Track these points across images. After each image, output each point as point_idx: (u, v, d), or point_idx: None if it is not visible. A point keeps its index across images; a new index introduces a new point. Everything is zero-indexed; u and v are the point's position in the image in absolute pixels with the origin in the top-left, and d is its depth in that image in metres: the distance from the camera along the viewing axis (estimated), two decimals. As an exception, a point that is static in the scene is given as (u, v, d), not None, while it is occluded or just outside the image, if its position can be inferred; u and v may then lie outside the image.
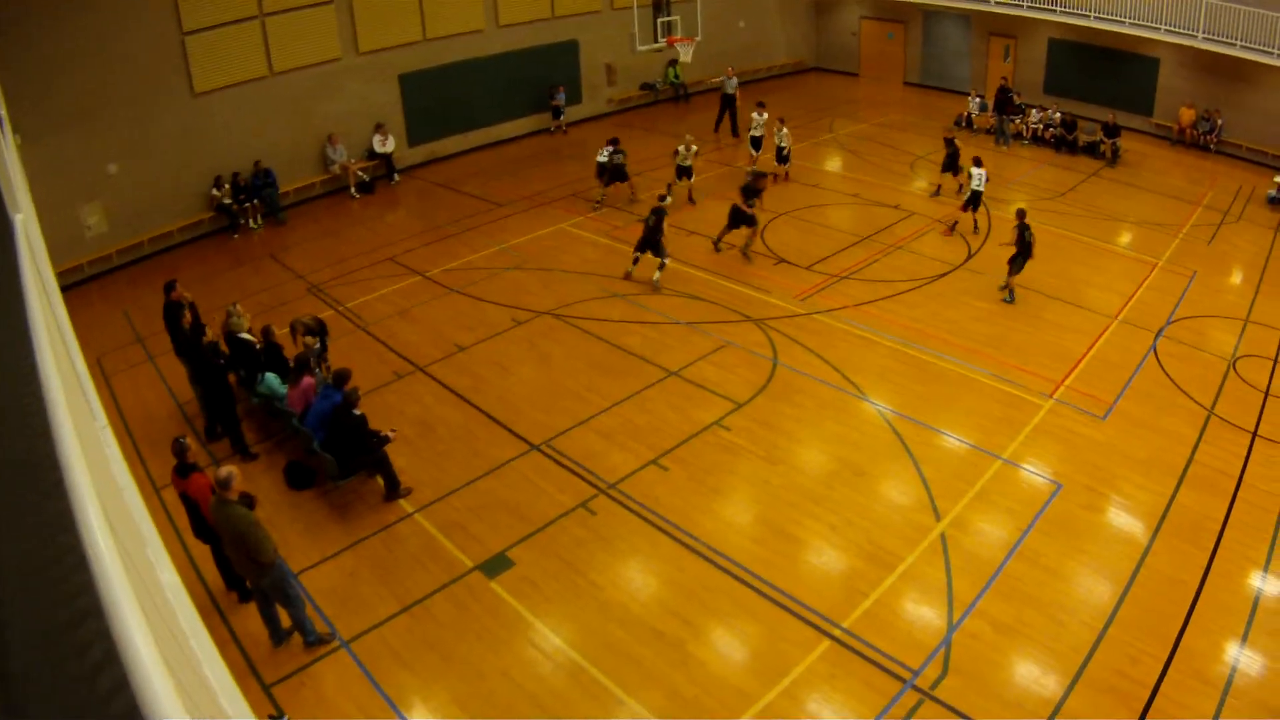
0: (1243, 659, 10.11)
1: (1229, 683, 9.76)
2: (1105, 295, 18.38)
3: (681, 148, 21.99)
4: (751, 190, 18.87)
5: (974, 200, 20.32)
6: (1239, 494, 12.75)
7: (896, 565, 11.09)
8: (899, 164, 26.48)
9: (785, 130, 23.62)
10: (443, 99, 26.36)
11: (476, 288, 18.37)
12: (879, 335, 16.39)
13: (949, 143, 23.25)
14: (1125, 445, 13.63)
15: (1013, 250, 17.57)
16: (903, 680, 9.51)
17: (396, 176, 25.26)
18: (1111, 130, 28.56)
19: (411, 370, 15.54)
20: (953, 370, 15.37)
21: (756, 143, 24.16)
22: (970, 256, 19.91)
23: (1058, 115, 29.93)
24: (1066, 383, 15.18)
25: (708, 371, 15.19)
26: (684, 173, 22.23)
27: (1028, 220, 17.60)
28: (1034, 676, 9.65)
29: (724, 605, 10.54)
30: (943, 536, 11.57)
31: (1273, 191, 25.45)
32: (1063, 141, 29.13)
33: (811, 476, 12.87)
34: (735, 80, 28.33)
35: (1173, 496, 12.58)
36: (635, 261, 17.94)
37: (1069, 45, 32.26)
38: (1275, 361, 16.11)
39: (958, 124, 31.19)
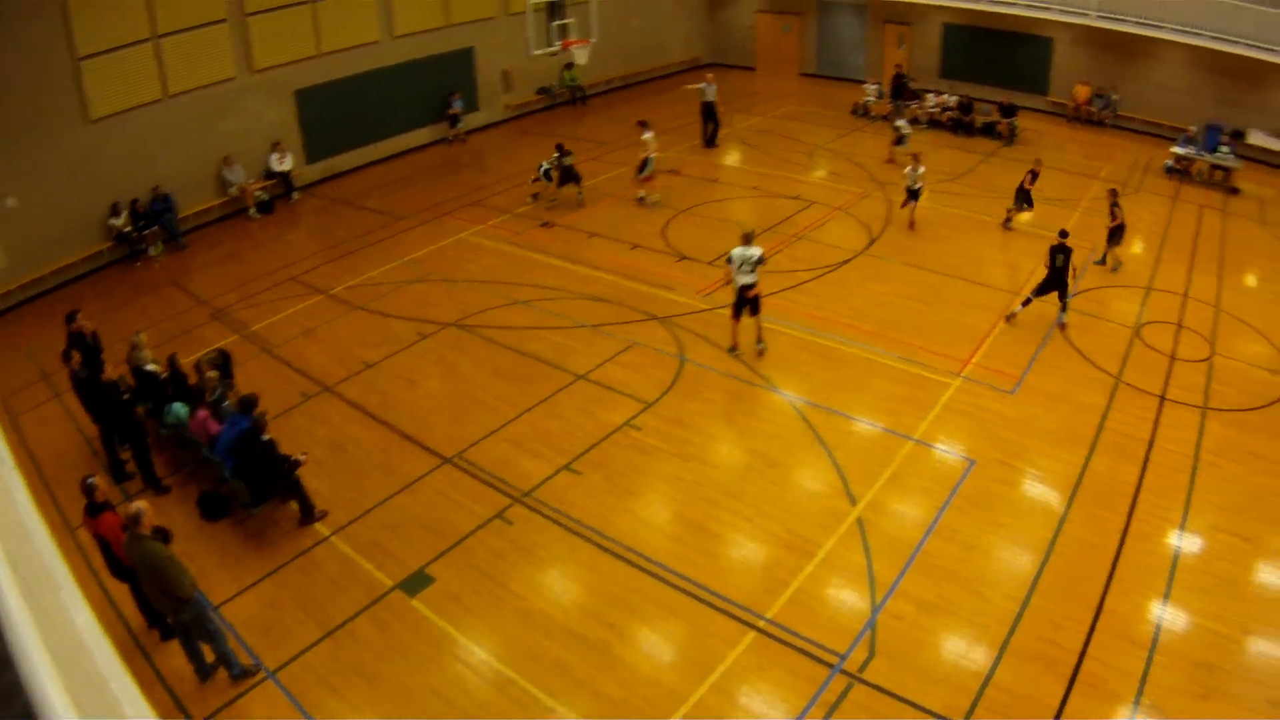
0: (1167, 616, 11.34)
1: (1155, 641, 10.95)
2: (1008, 272, 20.10)
3: (547, 163, 23.07)
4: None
5: (913, 195, 21.59)
6: (1150, 457, 14.19)
7: (816, 552, 12.00)
8: (798, 154, 27.97)
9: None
10: (340, 113, 26.95)
11: (381, 303, 18.92)
12: (784, 325, 17.45)
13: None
14: (1035, 418, 15.00)
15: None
16: (830, 666, 10.35)
17: (296, 194, 25.70)
18: (1008, 110, 30.76)
19: (319, 390, 15.96)
20: (859, 355, 16.53)
21: (644, 165, 24.59)
22: (872, 242, 21.24)
23: (953, 99, 31.94)
24: (973, 360, 16.56)
25: (615, 373, 15.99)
26: (570, 176, 23.12)
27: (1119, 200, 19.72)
28: (961, 651, 10.63)
29: (647, 606, 11.27)
30: (860, 521, 12.54)
31: (1169, 161, 27.77)
32: (959, 124, 31.22)
33: (725, 471, 13.78)
34: (714, 86, 29.05)
35: (1085, 464, 13.92)
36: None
37: (963, 29, 34.87)
38: (1179, 326, 17.69)
39: (855, 112, 32.94)
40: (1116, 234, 19.70)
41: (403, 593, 11.53)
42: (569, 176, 23.48)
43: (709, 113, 28.97)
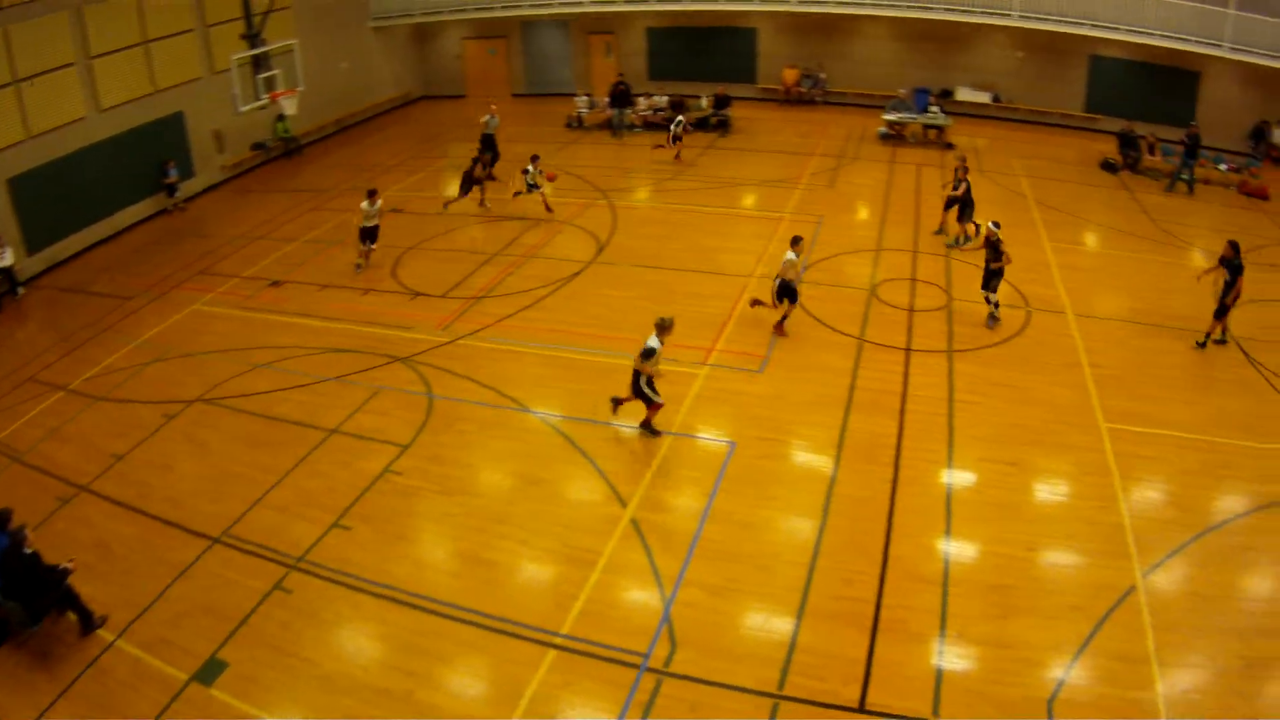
0: (952, 550, 12.52)
1: (946, 576, 12.05)
2: (739, 258, 21.44)
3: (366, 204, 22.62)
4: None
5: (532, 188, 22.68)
6: (906, 406, 15.57)
7: (597, 561, 12.42)
8: (512, 176, 28.43)
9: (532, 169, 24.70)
10: (57, 197, 25.42)
11: (123, 390, 18.06)
12: (527, 345, 17.90)
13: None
14: (787, 391, 16.14)
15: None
16: (636, 667, 10.76)
17: (21, 289, 23.93)
18: (721, 102, 32.63)
19: (75, 492, 15.11)
20: (605, 362, 17.20)
21: (368, 234, 23.89)
22: (601, 250, 22.04)
23: (664, 99, 33.46)
24: (717, 347, 17.61)
25: (367, 421, 15.96)
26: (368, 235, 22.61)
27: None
28: (759, 625, 11.32)
29: (443, 646, 11.35)
30: (634, 521, 13.08)
31: (883, 129, 30.07)
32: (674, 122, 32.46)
33: (492, 498, 14.09)
34: (497, 119, 29.46)
35: (844, 425, 15.07)
36: None
37: (667, 31, 37.26)
38: (913, 280, 19.15)
39: (569, 125, 34.01)
40: (958, 206, 21.37)
41: (199, 684, 11.12)
42: (368, 236, 22.88)
43: (489, 144, 29.37)
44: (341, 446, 15.46)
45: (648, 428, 15.04)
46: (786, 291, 17.63)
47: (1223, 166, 28.76)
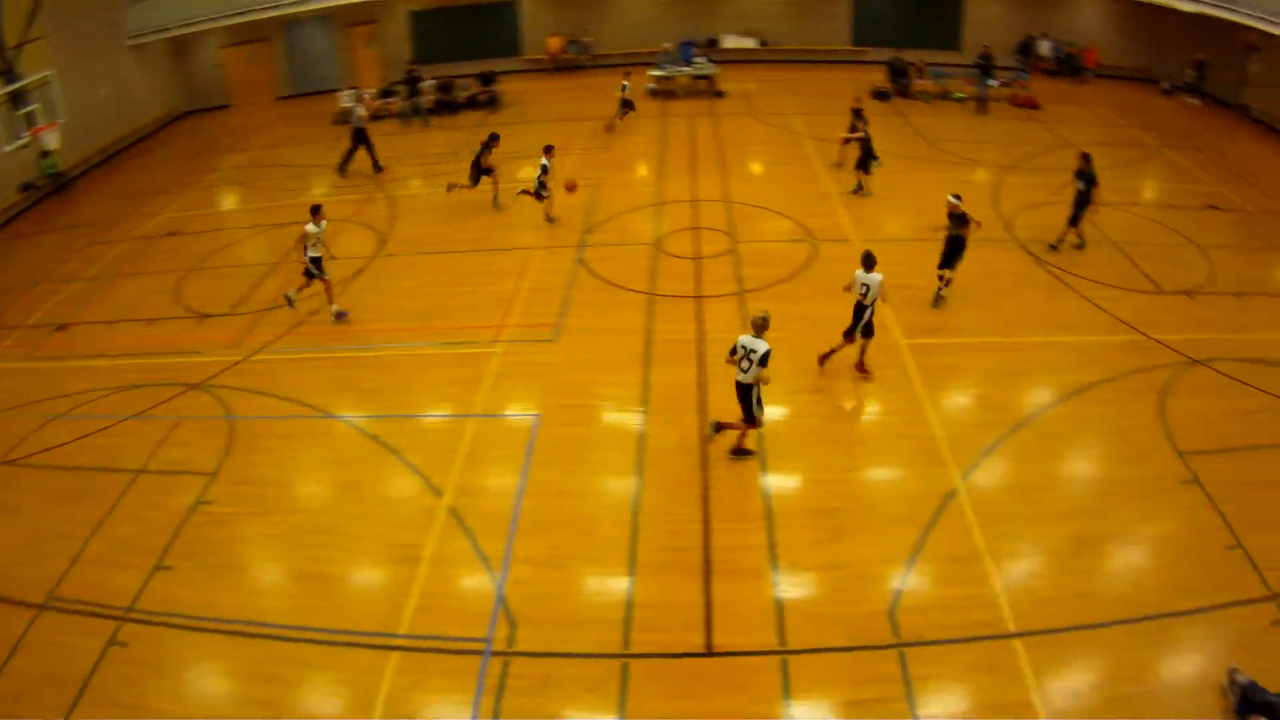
0: (771, 484, 13.08)
1: (769, 510, 12.56)
2: (519, 231, 21.70)
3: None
4: None
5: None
6: (705, 352, 16.05)
7: (422, 555, 12.37)
8: (291, 180, 27.91)
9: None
10: None
11: None
12: (322, 350, 17.60)
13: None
14: (584, 355, 16.43)
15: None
16: (480, 653, 10.81)
17: None
18: (487, 79, 32.58)
19: None
20: (403, 355, 17.10)
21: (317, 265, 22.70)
22: (384, 243, 21.79)
23: (431, 82, 33.13)
24: (509, 323, 17.70)
25: (171, 454, 15.40)
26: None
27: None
28: (595, 588, 11.60)
29: (288, 670, 11.10)
30: (452, 509, 13.07)
31: (651, 84, 30.52)
32: (444, 104, 32.31)
33: (310, 511, 13.83)
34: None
35: (646, 380, 15.45)
36: None
37: (429, 13, 37.03)
38: (696, 229, 19.62)
39: (336, 122, 33.22)
40: (861, 152, 22.05)
41: (54, 759, 10.75)
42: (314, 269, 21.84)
43: (360, 137, 28.33)
44: (150, 485, 14.94)
45: (742, 452, 13.81)
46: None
47: (993, 82, 30.44)
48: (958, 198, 17.51)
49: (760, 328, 12.93)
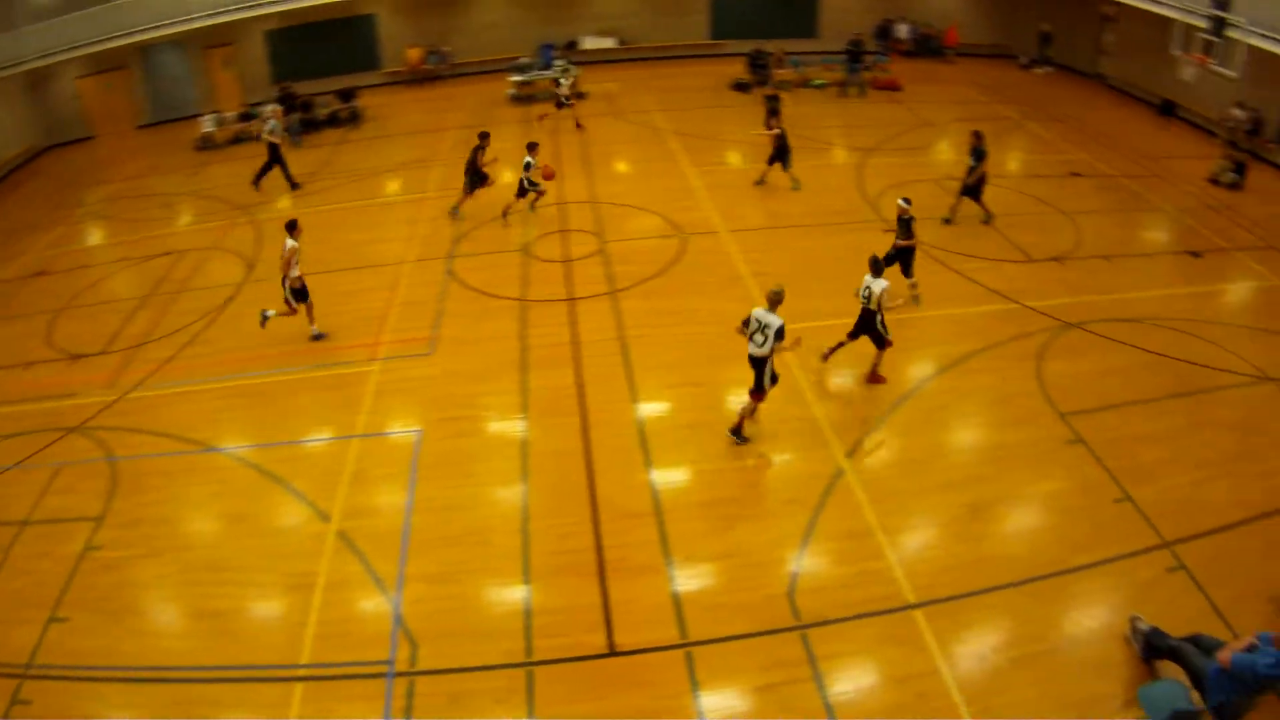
0: (658, 479, 13.39)
1: (658, 504, 12.89)
2: (388, 246, 21.62)
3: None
4: None
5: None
6: (581, 354, 16.32)
7: (315, 582, 12.33)
8: (155, 209, 27.27)
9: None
10: None
11: None
12: (197, 383, 17.30)
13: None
14: (460, 366, 16.55)
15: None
16: (383, 675, 10.86)
17: None
18: (346, 95, 32.35)
19: None
20: (279, 381, 16.94)
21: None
22: (251, 268, 21.51)
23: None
24: (383, 339, 17.74)
25: (54, 502, 14.99)
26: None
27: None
28: (492, 599, 11.75)
29: (197, 711, 10.90)
30: (341, 533, 13.05)
31: (511, 90, 30.69)
32: (306, 123, 32.01)
33: (200, 547, 13.59)
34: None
35: (525, 386, 15.66)
36: None
37: (285, 31, 36.31)
38: (564, 232, 19.85)
39: (199, 147, 32.68)
40: (779, 153, 22.03)
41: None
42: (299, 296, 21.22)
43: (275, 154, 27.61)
44: (37, 535, 14.58)
45: (739, 434, 14.23)
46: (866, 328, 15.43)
47: (859, 66, 31.53)
48: (908, 201, 17.15)
49: (775, 301, 13.41)
